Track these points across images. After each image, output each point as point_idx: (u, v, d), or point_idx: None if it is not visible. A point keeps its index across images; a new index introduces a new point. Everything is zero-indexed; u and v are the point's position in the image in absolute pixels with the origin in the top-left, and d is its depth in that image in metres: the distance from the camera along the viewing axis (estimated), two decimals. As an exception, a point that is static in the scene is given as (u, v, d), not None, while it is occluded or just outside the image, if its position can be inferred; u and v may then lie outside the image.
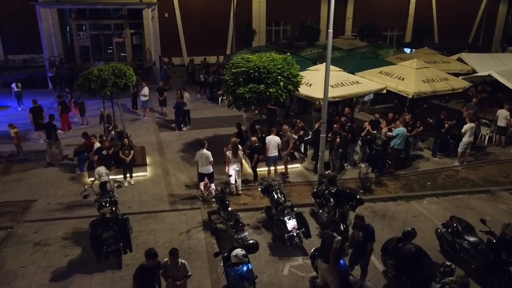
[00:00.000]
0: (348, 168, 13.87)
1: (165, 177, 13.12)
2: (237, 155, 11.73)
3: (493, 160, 14.90)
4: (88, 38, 28.63)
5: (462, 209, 11.60)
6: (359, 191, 12.14)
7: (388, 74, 16.86)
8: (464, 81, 17.05)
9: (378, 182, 12.83)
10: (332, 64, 20.35)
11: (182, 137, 16.91)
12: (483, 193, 12.57)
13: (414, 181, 13.11)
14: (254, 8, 32.54)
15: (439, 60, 20.86)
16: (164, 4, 30.35)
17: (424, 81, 15.92)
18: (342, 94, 14.61)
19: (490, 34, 39.37)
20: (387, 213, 11.30)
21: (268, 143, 12.46)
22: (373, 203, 11.84)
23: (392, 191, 12.42)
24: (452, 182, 13.08)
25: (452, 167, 14.23)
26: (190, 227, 10.29)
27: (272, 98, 12.40)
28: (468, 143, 14.08)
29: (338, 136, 12.82)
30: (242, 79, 12.49)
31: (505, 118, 15.74)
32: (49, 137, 14.10)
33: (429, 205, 11.83)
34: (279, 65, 12.52)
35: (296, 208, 11.15)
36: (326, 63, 11.47)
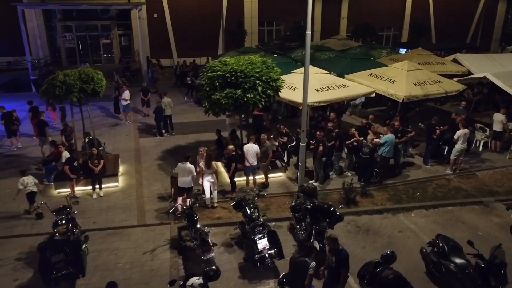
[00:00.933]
0: (333, 177, 13.08)
1: (138, 188, 12.35)
2: (210, 165, 10.95)
3: (488, 167, 14.09)
4: (74, 40, 27.87)
5: (453, 222, 10.81)
6: (343, 203, 11.38)
7: (378, 77, 16.07)
8: (457, 83, 16.26)
9: (364, 192, 12.04)
10: (322, 66, 19.92)
11: (162, 143, 16.14)
12: (476, 204, 11.78)
13: (402, 191, 12.31)
14: (246, 8, 31.74)
15: (433, 61, 20.08)
16: (153, 4, 29.67)
17: (416, 84, 15.13)
18: (327, 98, 13.81)
19: (489, 34, 38.53)
20: (371, 228, 10.52)
21: (246, 152, 11.70)
22: (357, 216, 11.06)
23: (379, 203, 11.63)
24: (443, 192, 12.28)
25: (444, 175, 13.43)
26: (157, 245, 9.52)
27: (250, 104, 11.63)
28: (461, 150, 13.29)
29: (321, 144, 12.04)
30: (218, 84, 11.74)
31: (501, 122, 14.95)
32: (42, 135, 14.09)
33: (417, 218, 11.04)
34: (258, 68, 11.75)
35: (274, 223, 10.55)
36: (304, 67, 10.68)
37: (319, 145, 12.06)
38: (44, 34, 27.71)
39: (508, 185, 12.82)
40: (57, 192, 11.93)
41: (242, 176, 12.23)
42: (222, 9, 30.84)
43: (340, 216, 9.04)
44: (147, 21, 29.79)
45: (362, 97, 18.09)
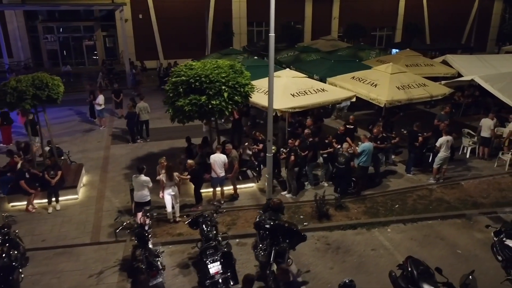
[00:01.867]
0: (308, 188, 12.31)
1: (98, 201, 11.61)
2: (172, 177, 10.20)
3: (474, 176, 13.31)
4: (56, 41, 27.14)
5: (431, 239, 10.04)
6: (315, 216, 10.63)
7: (360, 80, 15.33)
8: (444, 87, 15.50)
9: (339, 205, 11.28)
10: (305, 68, 19.21)
11: (134, 151, 15.39)
12: (458, 217, 11.01)
13: (380, 204, 11.55)
14: (234, 8, 30.98)
15: (421, 63, 19.33)
16: (138, 4, 28.97)
17: (399, 88, 14.41)
18: (303, 104, 13.06)
19: (484, 33, 37.72)
20: (342, 245, 9.75)
21: (212, 162, 10.94)
22: (329, 232, 10.30)
23: (353, 217, 10.86)
24: (424, 205, 11.51)
25: (426, 185, 12.66)
26: (106, 266, 8.78)
27: (216, 111, 10.88)
28: (444, 158, 12.51)
29: (292, 153, 11.28)
30: (182, 90, 10.98)
31: (489, 128, 14.17)
32: (34, 134, 13.88)
33: (394, 234, 10.27)
34: (224, 73, 10.99)
35: (238, 240, 9.84)
36: (269, 71, 9.90)
37: (290, 154, 11.30)
38: (26, 36, 26.97)
39: (494, 196, 12.05)
40: (10, 206, 11.19)
41: (210, 187, 11.50)
42: (209, 9, 30.17)
43: (302, 236, 8.30)
44: (132, 22, 29.10)
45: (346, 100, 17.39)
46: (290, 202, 11.52)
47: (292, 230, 8.22)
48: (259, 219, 9.20)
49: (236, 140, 14.79)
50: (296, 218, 10.79)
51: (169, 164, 10.48)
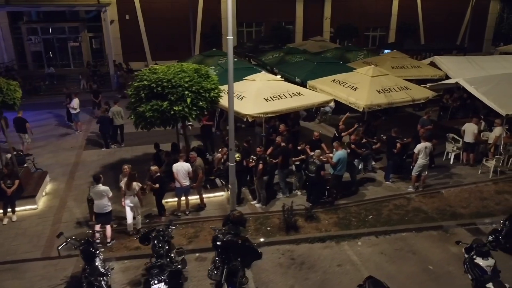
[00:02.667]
0: (280, 197, 11.77)
1: (58, 211, 11.09)
2: (130, 186, 9.68)
3: (456, 183, 12.74)
4: (40, 43, 26.67)
5: (403, 253, 9.49)
6: (282, 228, 10.09)
7: (340, 83, 14.78)
8: (427, 90, 14.92)
9: (310, 215, 10.73)
10: (287, 71, 18.66)
11: (107, 157, 14.89)
12: (434, 229, 10.45)
13: (354, 214, 10.99)
14: (223, 8, 30.34)
15: (408, 65, 18.73)
16: (124, 5, 28.46)
17: (379, 91, 13.83)
18: (277, 108, 12.49)
19: (480, 33, 37.10)
20: (307, 260, 9.21)
21: (175, 172, 10.42)
22: (296, 245, 9.75)
23: (323, 228, 10.31)
24: (400, 215, 10.95)
25: (405, 193, 12.11)
26: (52, 285, 8.27)
27: (179, 117, 10.36)
28: (423, 165, 11.95)
29: (261, 161, 10.74)
30: (144, 95, 10.46)
31: (473, 133, 13.59)
32: (21, 131, 14.49)
33: (364, 247, 9.71)
34: (187, 78, 10.46)
35: (198, 254, 9.34)
36: (228, 76, 9.35)
37: (259, 162, 10.77)
38: (9, 37, 26.48)
39: (475, 205, 11.49)
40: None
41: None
42: (197, 10, 29.71)
43: (257, 254, 7.77)
44: (118, 22, 28.58)
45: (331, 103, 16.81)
46: (259, 213, 11.01)
47: (245, 247, 7.68)
48: (217, 233, 8.68)
49: (208, 146, 14.28)
50: (262, 230, 10.26)
51: (132, 173, 9.97)
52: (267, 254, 9.38)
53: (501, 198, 11.86)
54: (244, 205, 11.37)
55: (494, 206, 11.44)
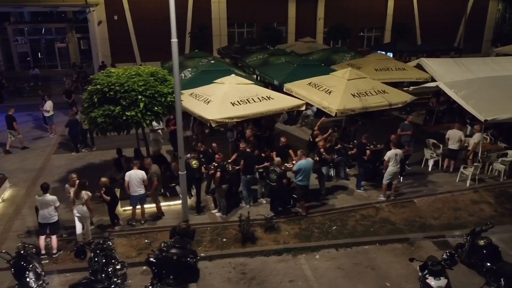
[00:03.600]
0: (243, 206, 11.29)
1: (10, 219, 10.72)
2: (79, 195, 9.28)
3: (431, 192, 12.20)
4: (27, 44, 26.45)
5: (361, 268, 8.98)
6: (239, 240, 9.63)
7: (316, 86, 14.24)
8: (406, 94, 14.33)
9: (271, 226, 10.25)
10: (267, 73, 18.19)
11: (75, 161, 14.52)
12: (400, 242, 9.93)
13: (317, 225, 10.50)
14: (213, 8, 29.94)
15: (393, 67, 18.15)
16: (112, 6, 28.12)
17: (354, 95, 13.27)
18: (243, 113, 11.99)
19: (479, 34, 36.32)
20: (259, 275, 8.74)
21: (127, 180, 10.00)
22: (250, 258, 9.30)
23: (282, 240, 9.83)
24: (365, 226, 10.44)
25: (375, 203, 11.59)
26: (-17, 300, 7.88)
27: (132, 123, 9.95)
28: (394, 173, 11.42)
29: (218, 169, 10.29)
30: (96, 99, 10.07)
31: (460, 139, 13.00)
32: (10, 128, 15.24)
33: (321, 261, 9.22)
34: (141, 82, 10.03)
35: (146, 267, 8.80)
36: (175, 80, 8.88)
37: (217, 170, 10.31)
38: (-4, 37, 26.37)
39: (447, 216, 10.94)
40: None
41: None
42: (187, 10, 29.32)
43: (194, 275, 7.28)
44: (106, 23, 28.26)
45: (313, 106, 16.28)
46: (217, 222, 10.57)
47: (182, 264, 7.23)
48: (162, 246, 8.25)
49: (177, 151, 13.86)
50: (218, 241, 9.82)
51: (82, 181, 9.57)
52: (217, 267, 9.00)
53: (476, 209, 11.29)
54: (204, 214, 10.93)
55: (467, 217, 10.88)
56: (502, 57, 21.06)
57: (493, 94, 13.49)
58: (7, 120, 15.36)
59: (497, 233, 10.17)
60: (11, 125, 15.25)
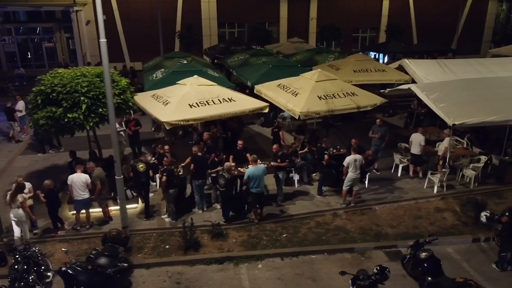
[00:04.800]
0: (196, 211, 10.96)
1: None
2: (14, 199, 9.03)
3: (394, 199, 11.73)
4: (14, 43, 26.46)
5: (302, 279, 8.58)
6: (182, 247, 9.30)
7: (284, 88, 13.89)
8: (376, 97, 13.86)
9: (219, 233, 9.89)
10: (242, 74, 17.85)
11: (39, 162, 14.30)
12: (350, 251, 9.50)
13: (268, 232, 10.11)
14: (203, 8, 29.69)
15: (372, 68, 17.64)
16: (101, 6, 27.92)
17: (321, 98, 12.86)
18: (200, 115, 11.68)
19: (478, 35, 35.52)
20: (193, 285, 8.40)
21: (70, 184, 9.73)
22: (189, 267, 8.96)
23: (226, 248, 9.47)
24: (318, 234, 10.03)
25: (333, 209, 11.16)
26: None
27: (75, 125, 9.68)
28: (353, 179, 10.99)
29: (164, 173, 9.96)
30: (40, 101, 9.82)
31: (419, 144, 12.53)
32: (11, 119, 16.22)
33: (263, 271, 8.84)
34: (85, 83, 9.76)
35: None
36: (105, 80, 8.52)
37: (163, 174, 10.00)
38: (-16, 37, 26.42)
39: (405, 225, 10.47)
40: None
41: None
42: (176, 10, 29.14)
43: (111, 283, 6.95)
44: (95, 23, 28.13)
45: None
46: (165, 228, 10.24)
47: (98, 275, 6.90)
48: (90, 255, 7.96)
49: (137, 152, 13.60)
50: (161, 248, 9.50)
51: (20, 184, 9.33)
52: (153, 276, 8.67)
53: (439, 217, 10.81)
54: (153, 219, 10.63)
55: (426, 226, 10.40)
56: (488, 58, 20.47)
57: (467, 97, 13.01)
58: (6, 112, 16.27)
59: (455, 244, 9.84)
60: (12, 116, 16.18)
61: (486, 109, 12.38)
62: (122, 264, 7.40)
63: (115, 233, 8.19)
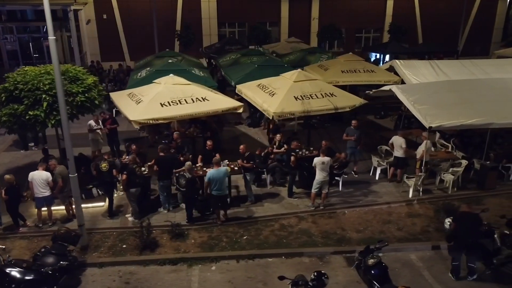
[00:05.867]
0: (161, 211, 10.88)
1: None
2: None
3: (367, 203, 11.44)
4: (16, 42, 26.93)
5: (252, 283, 8.41)
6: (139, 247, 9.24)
7: (263, 88, 13.73)
8: (355, 98, 13.57)
9: (179, 233, 9.80)
10: (228, 73, 17.73)
11: (19, 159, 14.44)
12: (309, 255, 9.28)
13: (230, 233, 9.97)
14: (203, 8, 29.63)
15: (361, 69, 17.31)
16: (101, 4, 28.29)
17: (297, 98, 12.65)
18: (170, 114, 11.55)
19: (487, 36, 34.58)
20: (141, 286, 8.31)
21: (30, 181, 9.76)
22: (143, 267, 8.88)
23: (183, 249, 9.35)
24: (279, 237, 9.83)
25: (301, 212, 10.95)
26: None
27: (35, 123, 9.71)
28: (321, 182, 10.75)
29: (125, 172, 9.92)
30: (4, 98, 9.89)
31: (400, 146, 12.21)
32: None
33: (215, 273, 8.70)
34: (48, 80, 9.78)
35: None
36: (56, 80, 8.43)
37: (123, 173, 9.95)
38: (-13, 36, 26.93)
39: (372, 229, 10.20)
40: None
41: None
42: (176, 9, 29.21)
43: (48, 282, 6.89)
44: (96, 22, 28.48)
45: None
46: (126, 227, 10.19)
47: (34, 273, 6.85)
48: (37, 252, 7.95)
49: (115, 151, 13.61)
50: (118, 247, 9.45)
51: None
52: (104, 275, 8.63)
53: (408, 223, 10.48)
54: (117, 218, 10.59)
55: (393, 231, 10.11)
56: (484, 59, 19.86)
57: (450, 99, 12.60)
58: None
59: (420, 250, 9.54)
60: None
61: (469, 111, 11.97)
62: (61, 263, 7.32)
63: (64, 231, 8.18)
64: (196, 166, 11.02)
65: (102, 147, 13.85)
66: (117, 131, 13.88)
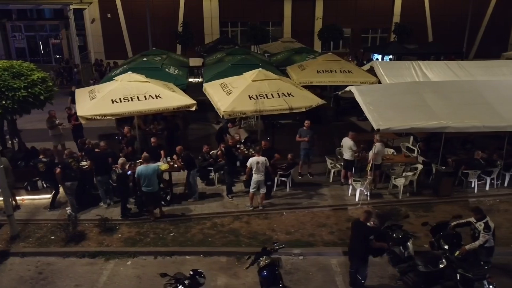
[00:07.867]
0: (101, 206, 11.11)
1: None
2: None
3: (309, 205, 11.25)
4: (24, 40, 28.13)
5: (159, 279, 8.41)
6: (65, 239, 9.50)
7: (223, 87, 13.74)
8: (314, 98, 13.28)
9: (109, 227, 9.99)
10: (204, 72, 17.85)
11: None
12: (227, 255, 9.24)
13: (158, 230, 10.06)
14: (205, 7, 29.89)
15: (338, 69, 16.93)
16: (106, 3, 29.10)
17: (251, 97, 12.57)
18: (119, 111, 11.72)
19: (504, 37, 33.05)
20: (52, 276, 8.54)
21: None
22: (62, 259, 9.11)
23: (106, 243, 9.53)
24: (206, 236, 9.83)
25: (238, 212, 10.89)
26: None
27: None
28: (257, 181, 10.66)
29: (59, 166, 10.21)
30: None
31: (350, 149, 11.92)
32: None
33: (128, 268, 8.82)
34: (-4, 76, 10.20)
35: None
36: None
37: (57, 166, 10.24)
38: (-2, 34, 28.25)
39: (303, 232, 10.04)
40: None
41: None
42: (178, 9, 29.65)
43: None
44: (100, 21, 29.33)
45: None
46: (60, 220, 10.35)
47: None
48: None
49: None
50: (47, 238, 9.74)
51: None
52: (22, 265, 8.94)
53: (344, 227, 10.21)
54: (57, 211, 10.89)
55: (324, 235, 9.90)
56: (471, 61, 19.13)
57: (408, 102, 12.21)
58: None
59: (343, 256, 9.29)
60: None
61: (425, 114, 11.58)
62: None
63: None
64: (134, 162, 11.16)
65: (65, 141, 14.19)
66: (82, 127, 14.14)
